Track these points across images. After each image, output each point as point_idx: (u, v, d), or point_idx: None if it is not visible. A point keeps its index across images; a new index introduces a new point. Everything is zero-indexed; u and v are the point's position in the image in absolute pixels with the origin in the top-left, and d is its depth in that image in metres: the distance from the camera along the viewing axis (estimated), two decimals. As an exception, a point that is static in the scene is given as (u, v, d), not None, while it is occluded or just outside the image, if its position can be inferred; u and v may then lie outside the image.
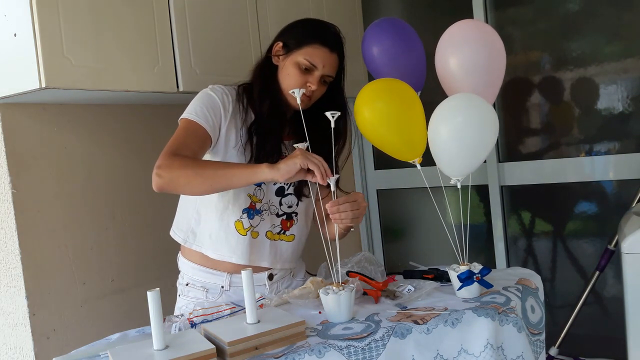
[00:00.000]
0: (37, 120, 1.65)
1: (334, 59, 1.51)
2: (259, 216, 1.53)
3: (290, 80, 1.48)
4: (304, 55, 1.47)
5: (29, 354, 1.60)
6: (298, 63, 1.48)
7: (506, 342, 1.24)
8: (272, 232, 1.56)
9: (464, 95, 1.37)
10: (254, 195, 1.52)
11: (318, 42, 1.48)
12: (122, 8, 1.60)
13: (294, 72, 1.48)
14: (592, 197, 2.48)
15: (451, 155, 1.36)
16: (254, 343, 1.11)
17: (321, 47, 1.48)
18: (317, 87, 1.49)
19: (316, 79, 1.48)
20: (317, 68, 1.48)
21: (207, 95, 1.48)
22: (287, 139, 1.57)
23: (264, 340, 1.12)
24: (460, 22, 1.50)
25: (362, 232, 3.00)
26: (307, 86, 1.48)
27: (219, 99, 1.48)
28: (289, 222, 1.59)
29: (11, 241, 1.58)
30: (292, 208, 1.58)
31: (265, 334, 1.12)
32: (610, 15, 2.34)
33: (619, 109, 2.36)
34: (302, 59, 1.47)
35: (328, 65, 1.49)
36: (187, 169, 1.33)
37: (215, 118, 1.45)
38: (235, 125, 1.49)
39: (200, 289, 1.55)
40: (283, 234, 1.58)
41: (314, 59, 1.47)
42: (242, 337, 1.10)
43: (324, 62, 1.48)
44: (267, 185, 1.54)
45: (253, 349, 1.10)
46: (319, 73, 1.48)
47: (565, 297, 2.53)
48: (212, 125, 1.44)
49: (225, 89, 1.52)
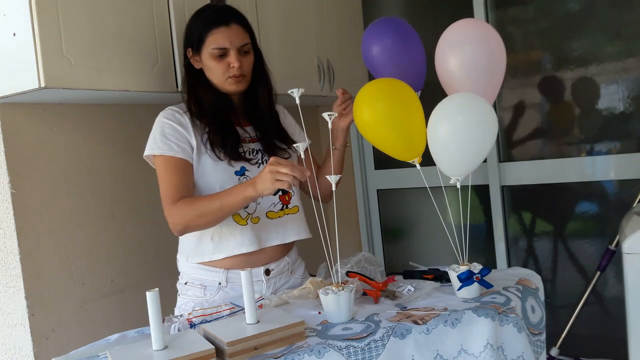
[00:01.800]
0: (37, 120, 1.65)
1: (235, 29, 1.54)
2: (253, 202, 1.56)
3: (215, 71, 1.55)
4: (211, 46, 1.53)
5: (28, 355, 1.60)
6: (211, 55, 1.54)
7: (506, 342, 1.23)
8: (274, 211, 1.60)
9: (463, 95, 1.37)
10: None
11: (212, 27, 1.53)
12: (122, 8, 1.59)
13: (214, 64, 1.54)
14: (593, 197, 2.47)
15: (451, 155, 1.36)
16: (253, 343, 1.10)
17: (217, 29, 1.53)
18: (240, 62, 1.54)
19: (234, 56, 1.53)
20: (227, 48, 1.53)
21: (164, 124, 1.54)
22: (245, 124, 1.64)
23: (263, 341, 1.12)
24: (460, 21, 1.49)
25: (362, 232, 3.00)
26: (231, 68, 1.54)
27: (175, 122, 1.54)
28: (287, 196, 1.63)
29: (10, 241, 1.58)
30: None
31: (265, 334, 1.12)
32: (610, 14, 2.34)
33: (620, 109, 2.35)
34: (211, 50, 1.53)
35: (235, 38, 1.53)
36: (190, 214, 1.46)
37: (181, 141, 1.52)
38: (199, 135, 1.55)
39: (198, 287, 1.57)
40: (287, 208, 1.62)
41: (218, 42, 1.52)
42: (241, 338, 1.09)
43: (229, 39, 1.53)
44: (250, 171, 1.58)
45: (252, 349, 1.10)
46: (233, 50, 1.53)
47: (566, 297, 2.53)
48: (183, 149, 1.52)
49: (176, 109, 1.58)
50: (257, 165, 1.60)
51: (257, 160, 1.61)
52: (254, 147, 1.62)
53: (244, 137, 1.62)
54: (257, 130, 1.64)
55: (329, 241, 1.43)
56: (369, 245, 3.00)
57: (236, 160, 1.56)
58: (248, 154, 1.60)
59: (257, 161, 1.61)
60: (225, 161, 1.55)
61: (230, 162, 1.55)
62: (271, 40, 2.14)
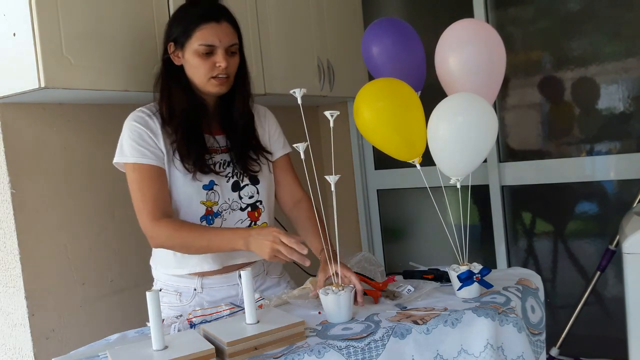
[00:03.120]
0: (37, 120, 1.65)
1: (226, 27, 1.47)
2: (219, 218, 1.51)
3: (199, 70, 1.46)
4: (197, 41, 1.44)
5: (28, 355, 1.60)
6: (196, 51, 1.45)
7: (506, 342, 1.23)
8: None
9: (463, 95, 1.37)
10: (207, 201, 1.49)
11: (202, 22, 1.44)
12: (122, 7, 1.59)
13: (198, 62, 1.45)
14: (593, 197, 2.47)
15: (451, 155, 1.36)
16: (253, 343, 1.10)
17: (207, 24, 1.44)
18: (227, 62, 1.46)
19: (221, 55, 1.45)
20: (215, 46, 1.45)
21: (132, 128, 1.46)
22: (217, 132, 1.55)
23: (263, 341, 1.12)
24: (460, 21, 1.49)
25: (362, 232, 3.00)
26: (217, 67, 1.45)
27: (145, 127, 1.46)
28: (256, 212, 1.56)
29: (10, 241, 1.58)
30: (254, 197, 1.55)
31: (265, 334, 1.12)
32: (610, 14, 2.34)
33: (620, 109, 2.35)
34: (197, 46, 1.44)
35: (224, 37, 1.45)
36: (175, 241, 1.43)
37: (151, 146, 1.45)
38: (168, 143, 1.48)
39: (173, 294, 1.54)
40: (254, 225, 1.55)
41: (207, 39, 1.44)
42: (241, 338, 1.09)
43: (219, 37, 1.44)
44: (220, 185, 1.50)
45: (252, 349, 1.10)
46: (221, 49, 1.45)
47: (566, 298, 2.52)
48: (156, 155, 1.45)
49: (146, 111, 1.50)
50: (227, 179, 1.52)
51: (227, 173, 1.52)
52: (225, 159, 1.53)
53: (213, 147, 1.53)
54: (228, 139, 1.55)
55: (329, 241, 1.43)
56: (369, 245, 2.99)
57: (204, 172, 1.47)
58: (218, 166, 1.51)
59: (227, 174, 1.52)
60: (192, 174, 1.46)
61: (197, 175, 1.46)
62: (271, 40, 2.14)
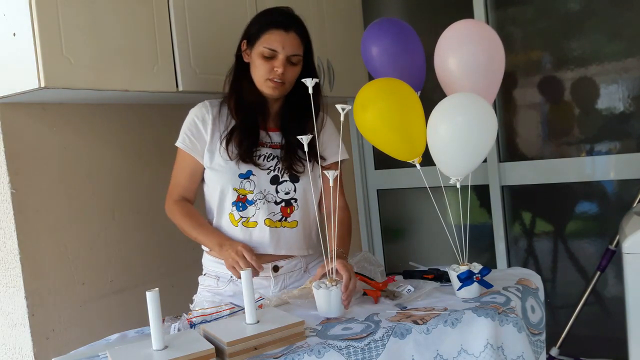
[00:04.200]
0: (37, 120, 1.65)
1: (293, 37, 1.55)
2: (253, 206, 1.57)
3: (259, 70, 1.57)
4: (263, 44, 1.54)
5: (28, 355, 1.60)
6: (261, 53, 1.55)
7: (506, 342, 1.23)
8: (272, 220, 1.58)
9: (463, 95, 1.37)
10: (241, 189, 1.58)
11: (272, 27, 1.55)
12: (122, 7, 1.59)
13: (260, 62, 1.56)
14: (593, 197, 2.47)
15: (451, 155, 1.36)
16: (253, 343, 1.11)
17: (275, 30, 1.54)
18: (285, 69, 1.55)
19: (281, 62, 1.54)
20: (278, 52, 1.54)
21: (189, 118, 1.63)
22: (272, 130, 1.65)
23: (263, 341, 1.12)
24: (459, 22, 1.49)
25: (362, 232, 3.00)
26: (274, 71, 1.55)
27: (197, 118, 1.61)
28: (289, 209, 1.61)
29: (10, 241, 1.58)
30: (290, 194, 1.61)
31: (264, 334, 1.12)
32: (610, 14, 2.34)
33: (620, 109, 2.35)
34: (262, 48, 1.55)
35: (288, 46, 1.54)
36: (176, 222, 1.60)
37: (195, 137, 1.60)
38: (218, 131, 1.60)
39: (213, 278, 1.63)
40: (285, 221, 1.60)
41: (271, 44, 1.54)
42: (241, 338, 1.09)
43: (282, 44, 1.54)
44: (258, 176, 1.58)
45: (252, 349, 1.10)
46: (282, 56, 1.54)
47: (566, 297, 2.53)
48: (194, 146, 1.59)
49: (208, 103, 1.64)
50: (268, 171, 1.59)
51: (270, 166, 1.60)
52: (272, 153, 1.61)
53: (264, 141, 1.62)
54: (283, 137, 1.63)
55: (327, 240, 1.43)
56: (369, 245, 2.99)
57: (245, 161, 1.57)
58: (262, 158, 1.60)
59: (269, 167, 1.59)
60: (234, 161, 1.56)
61: (239, 162, 1.56)
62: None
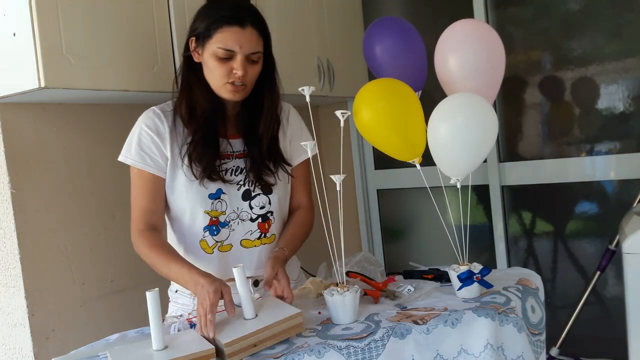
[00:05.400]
0: (37, 120, 1.65)
1: (250, 32, 1.36)
2: (226, 228, 1.45)
3: (214, 73, 1.38)
4: (217, 44, 1.35)
5: (28, 355, 1.60)
6: (215, 54, 1.36)
7: (506, 342, 1.23)
8: (250, 240, 1.47)
9: (463, 95, 1.37)
10: (213, 210, 1.43)
11: (225, 24, 1.34)
12: (122, 7, 1.59)
13: (215, 65, 1.37)
14: (593, 197, 2.47)
15: (451, 155, 1.36)
16: (251, 341, 1.10)
17: (229, 27, 1.34)
18: (245, 70, 1.37)
19: (240, 63, 1.36)
20: (235, 51, 1.35)
21: (141, 131, 1.42)
22: (233, 136, 1.48)
23: (262, 337, 1.11)
24: (460, 21, 1.49)
25: (362, 232, 3.00)
26: (233, 74, 1.37)
27: (152, 131, 1.41)
28: (267, 224, 1.49)
29: (10, 241, 1.58)
30: (265, 208, 1.48)
31: (263, 330, 1.11)
32: (610, 14, 2.34)
33: (620, 109, 2.35)
34: (216, 49, 1.35)
35: (246, 43, 1.35)
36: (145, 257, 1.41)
37: (155, 154, 1.41)
38: (178, 145, 1.42)
39: (188, 296, 1.50)
40: (264, 237, 1.49)
41: (227, 43, 1.34)
42: (239, 337, 1.09)
43: (240, 43, 1.34)
44: (228, 194, 1.44)
45: (251, 347, 1.10)
46: (240, 56, 1.36)
47: (566, 298, 2.52)
48: (156, 163, 1.41)
49: (158, 112, 1.44)
50: (238, 186, 1.44)
51: (239, 180, 1.45)
52: (238, 165, 1.46)
53: (226, 152, 1.45)
54: (246, 144, 1.47)
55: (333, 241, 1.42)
56: (369, 245, 2.99)
57: (212, 180, 1.40)
58: (230, 173, 1.44)
59: (238, 182, 1.44)
60: (199, 180, 1.40)
61: (205, 181, 1.40)
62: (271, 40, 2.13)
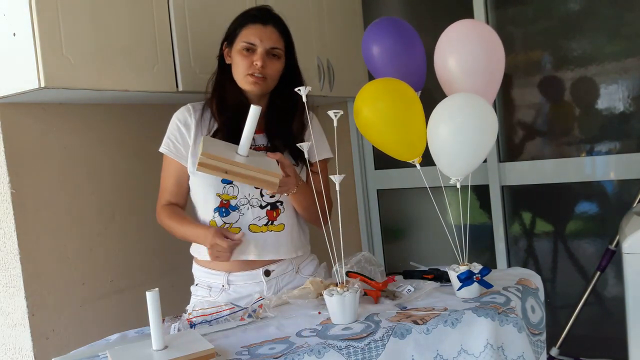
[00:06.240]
0: (37, 120, 1.65)
1: (270, 30, 1.56)
2: (236, 212, 1.56)
3: (239, 66, 1.56)
4: (241, 41, 1.55)
5: (28, 355, 1.60)
6: (239, 50, 1.55)
7: (506, 342, 1.23)
8: (257, 225, 1.56)
9: (463, 95, 1.37)
10: (224, 194, 1.55)
11: (249, 22, 1.56)
12: (122, 7, 1.59)
13: (239, 59, 1.55)
14: (593, 197, 2.47)
15: (451, 155, 1.36)
16: (225, 167, 1.08)
17: (252, 25, 1.55)
18: (265, 63, 1.54)
19: (260, 55, 1.53)
20: (256, 45, 1.54)
21: (172, 123, 1.62)
22: (256, 132, 1.54)
23: (235, 170, 1.10)
24: (459, 22, 1.49)
25: (362, 232, 3.00)
26: (253, 65, 1.53)
27: (180, 122, 1.60)
28: (275, 212, 1.59)
29: (10, 241, 1.58)
30: (275, 197, 1.58)
31: (241, 166, 1.09)
32: (610, 14, 2.34)
33: (620, 109, 2.35)
34: (241, 44, 1.55)
35: (266, 39, 1.54)
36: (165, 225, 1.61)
37: (179, 142, 1.59)
38: (201, 134, 1.57)
39: (205, 288, 1.61)
40: (271, 225, 1.58)
41: (249, 38, 1.54)
42: (219, 156, 1.06)
43: (260, 37, 1.54)
44: None
45: (223, 172, 1.09)
46: (261, 49, 1.54)
47: (566, 298, 2.53)
48: (177, 151, 1.58)
49: (190, 107, 1.62)
50: None
51: None
52: None
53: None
54: (269, 139, 1.60)
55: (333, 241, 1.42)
56: (369, 245, 2.99)
57: None
58: None
59: None
60: None
61: None
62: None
